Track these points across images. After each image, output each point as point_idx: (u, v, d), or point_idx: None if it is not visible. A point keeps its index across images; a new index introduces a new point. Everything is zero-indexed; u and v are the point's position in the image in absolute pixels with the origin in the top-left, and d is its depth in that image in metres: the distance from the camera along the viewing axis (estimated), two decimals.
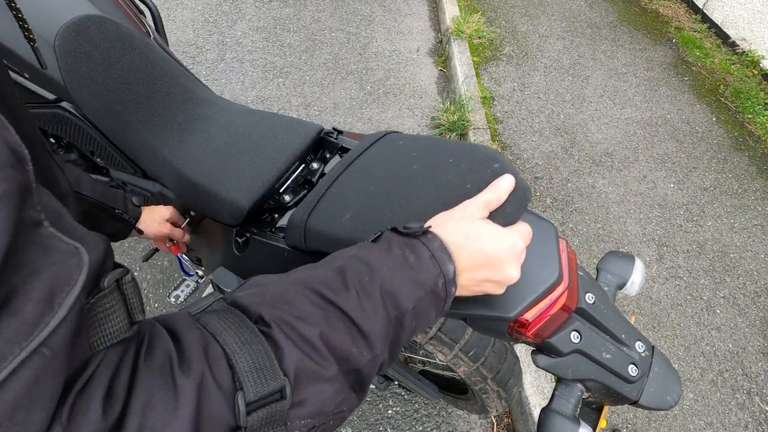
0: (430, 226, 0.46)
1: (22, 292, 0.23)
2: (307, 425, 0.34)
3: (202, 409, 0.29)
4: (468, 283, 0.45)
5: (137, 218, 0.85)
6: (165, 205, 0.97)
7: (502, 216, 0.50)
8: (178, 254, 1.12)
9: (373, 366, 0.38)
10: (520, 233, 0.48)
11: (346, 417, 0.39)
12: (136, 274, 1.67)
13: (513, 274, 0.46)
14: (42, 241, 0.26)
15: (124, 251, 1.73)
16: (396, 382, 1.32)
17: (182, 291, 1.35)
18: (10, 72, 0.88)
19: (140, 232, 0.88)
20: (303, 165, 0.86)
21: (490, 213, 0.48)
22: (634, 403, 0.62)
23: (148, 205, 0.95)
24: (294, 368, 0.33)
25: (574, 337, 0.61)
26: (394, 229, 0.45)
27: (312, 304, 0.37)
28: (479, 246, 0.44)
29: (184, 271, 1.33)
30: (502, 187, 0.49)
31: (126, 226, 0.83)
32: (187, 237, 0.96)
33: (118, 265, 0.32)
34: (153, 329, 0.33)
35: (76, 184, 0.71)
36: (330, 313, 0.37)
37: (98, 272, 0.29)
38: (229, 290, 0.88)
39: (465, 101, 2.26)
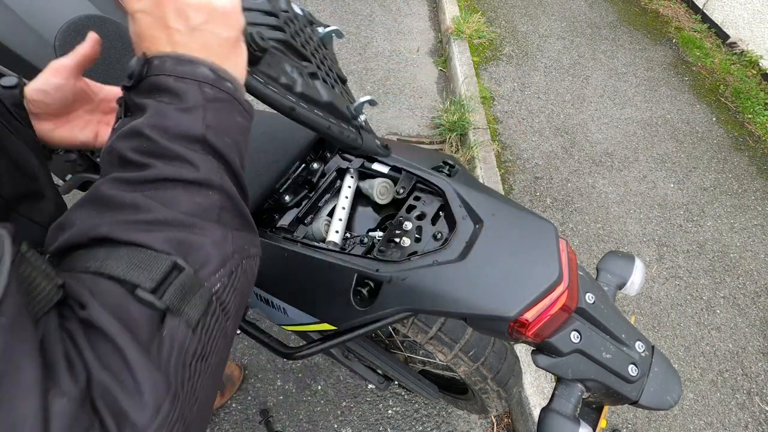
0: (144, 53, 0.38)
1: None
2: (225, 274, 0.35)
3: (126, 322, 0.29)
4: (214, 49, 0.38)
5: (18, 104, 0.55)
6: None
7: None
8: None
9: (228, 198, 0.37)
10: None
11: (256, 254, 0.39)
12: None
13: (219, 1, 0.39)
14: None
15: None
16: (396, 382, 1.32)
17: None
18: (10, 72, 0.88)
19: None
20: (303, 165, 0.86)
21: None
22: (634, 403, 0.62)
23: None
24: (165, 243, 0.32)
25: (574, 337, 0.61)
26: (125, 89, 0.38)
27: (129, 189, 0.34)
28: (182, 8, 0.37)
29: None
30: None
31: None
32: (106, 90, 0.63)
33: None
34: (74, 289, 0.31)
35: None
36: (150, 188, 0.34)
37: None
38: None
39: (465, 101, 2.26)
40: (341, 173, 0.86)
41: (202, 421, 0.33)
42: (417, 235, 0.72)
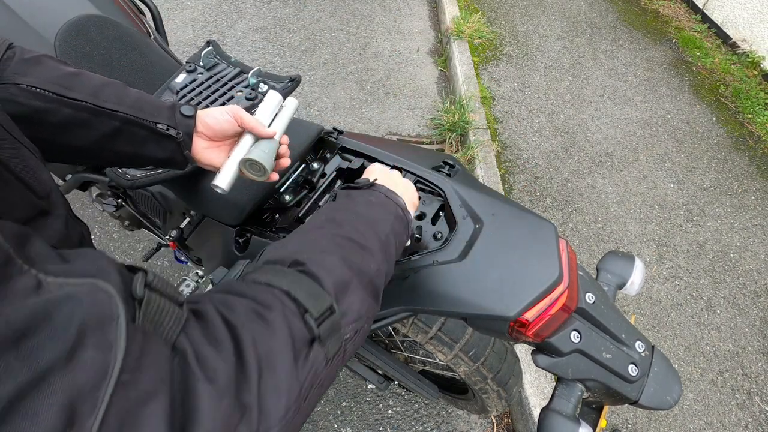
0: (375, 180, 0.60)
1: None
2: (354, 329, 0.43)
3: (291, 331, 0.37)
4: (407, 201, 0.61)
5: (190, 134, 0.62)
6: (167, 205, 0.96)
7: None
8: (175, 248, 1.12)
9: (379, 275, 0.48)
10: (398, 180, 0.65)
11: (371, 324, 0.48)
12: None
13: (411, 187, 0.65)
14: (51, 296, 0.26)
15: (124, 251, 1.73)
16: (396, 382, 1.32)
17: (182, 290, 1.35)
18: None
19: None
20: (303, 165, 0.86)
21: None
22: (634, 402, 0.62)
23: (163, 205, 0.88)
24: (332, 287, 0.42)
25: (574, 336, 0.61)
26: (346, 187, 0.59)
27: (326, 239, 0.47)
28: (400, 185, 0.62)
29: (177, 259, 1.32)
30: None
31: (178, 148, 0.62)
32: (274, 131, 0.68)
33: (130, 268, 0.33)
34: (218, 297, 0.39)
35: (94, 95, 0.56)
36: (339, 241, 0.47)
37: (126, 282, 0.30)
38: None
39: (465, 101, 2.26)
40: (341, 173, 0.86)
41: (298, 427, 0.40)
42: (417, 235, 0.72)
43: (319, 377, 0.38)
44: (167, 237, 0.98)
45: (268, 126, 0.67)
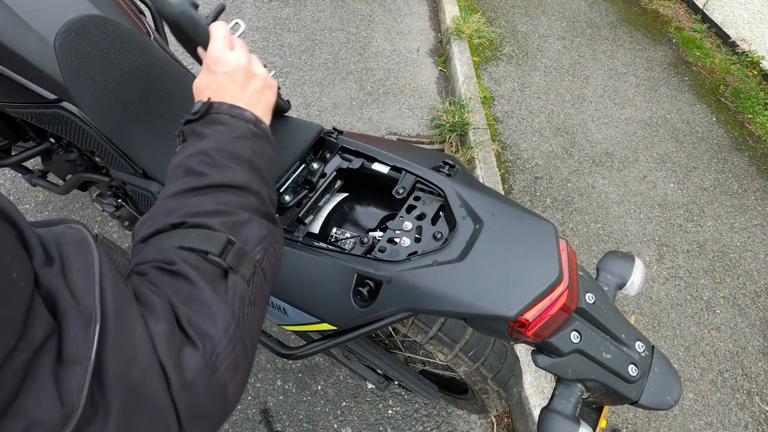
0: (208, 99, 0.57)
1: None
2: (262, 249, 0.48)
3: (199, 272, 0.42)
4: (256, 104, 0.59)
5: None
6: None
7: None
8: None
9: (262, 202, 0.52)
10: (237, 52, 0.61)
11: (281, 241, 0.52)
12: None
13: (258, 71, 0.62)
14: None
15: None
16: (396, 382, 1.32)
17: None
18: (10, 71, 0.88)
19: None
20: (303, 165, 0.86)
21: None
22: (634, 403, 0.62)
23: (147, 204, 0.92)
24: (222, 226, 0.45)
25: (574, 337, 0.61)
26: (187, 122, 0.56)
27: (196, 196, 0.48)
28: (235, 76, 0.58)
29: None
30: (221, 31, 0.62)
31: None
32: None
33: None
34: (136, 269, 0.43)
35: None
36: (207, 191, 0.49)
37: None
38: None
39: (465, 101, 2.26)
40: (341, 173, 0.87)
41: (253, 348, 0.45)
42: (417, 235, 0.72)
43: (246, 296, 0.44)
44: None
45: None
